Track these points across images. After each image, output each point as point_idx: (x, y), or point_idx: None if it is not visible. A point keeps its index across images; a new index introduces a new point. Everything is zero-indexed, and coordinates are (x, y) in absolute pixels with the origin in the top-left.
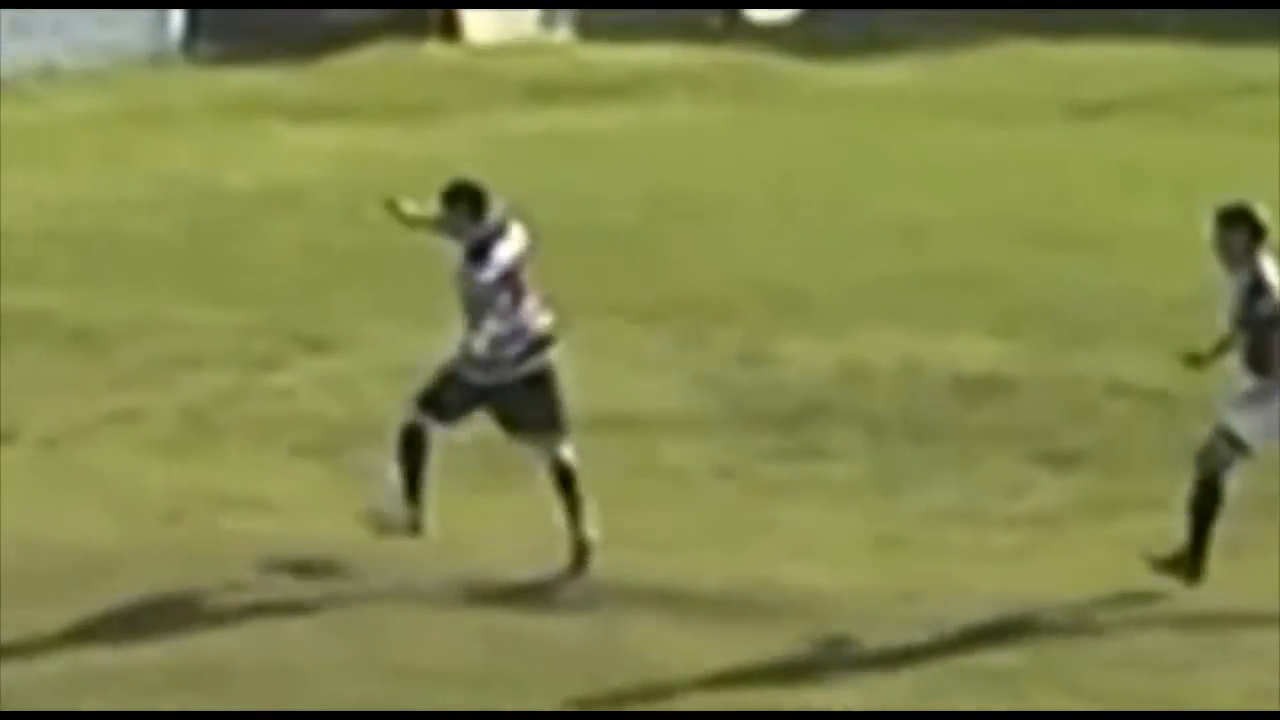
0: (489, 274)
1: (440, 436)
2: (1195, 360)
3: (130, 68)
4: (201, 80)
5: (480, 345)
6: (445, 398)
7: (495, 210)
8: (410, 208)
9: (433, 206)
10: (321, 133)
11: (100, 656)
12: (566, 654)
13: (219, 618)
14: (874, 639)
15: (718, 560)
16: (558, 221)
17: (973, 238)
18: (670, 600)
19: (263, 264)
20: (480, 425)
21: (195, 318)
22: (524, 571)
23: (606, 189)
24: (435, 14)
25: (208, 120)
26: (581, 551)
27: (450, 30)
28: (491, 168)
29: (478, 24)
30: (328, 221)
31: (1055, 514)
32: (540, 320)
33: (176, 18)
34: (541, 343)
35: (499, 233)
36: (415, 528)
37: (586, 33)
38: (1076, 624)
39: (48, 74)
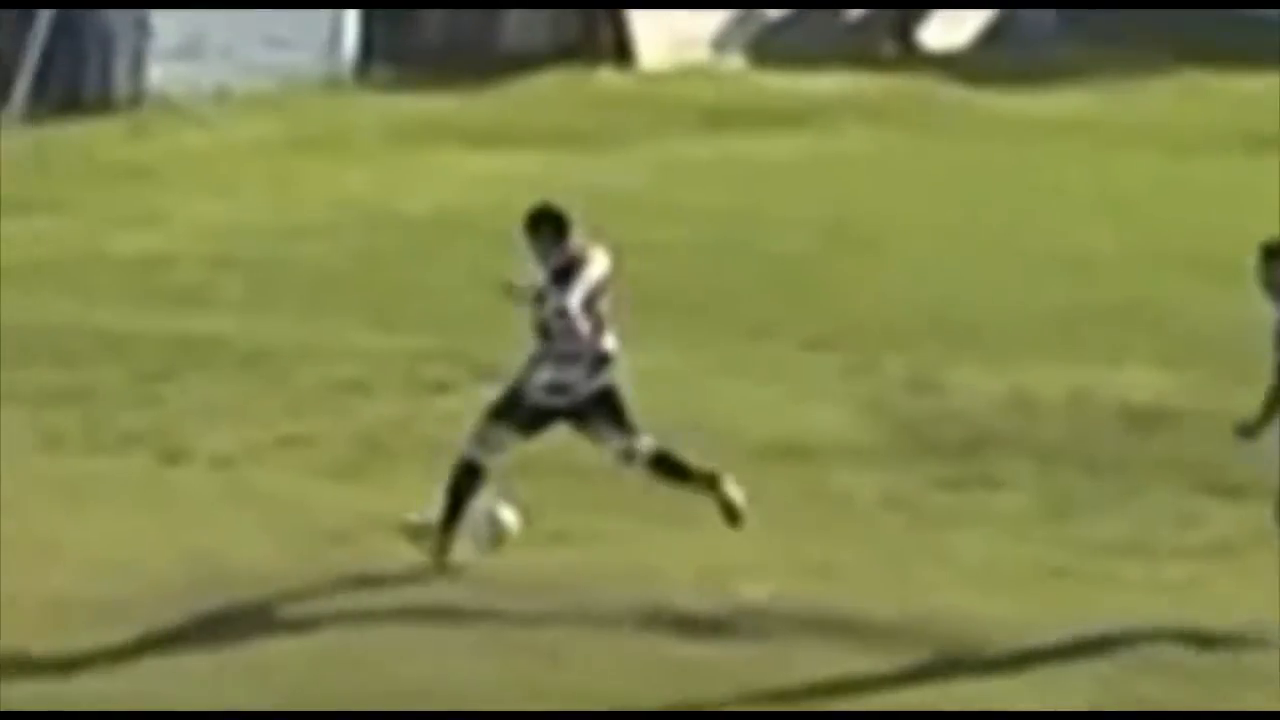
0: (574, 297)
1: (499, 464)
2: (1249, 430)
3: (303, 92)
4: (374, 105)
5: (543, 378)
6: (513, 418)
7: (577, 236)
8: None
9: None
10: (495, 158)
11: (269, 677)
12: (739, 682)
13: (391, 639)
14: (1045, 669)
15: (887, 589)
16: (731, 248)
17: (1144, 269)
18: (841, 629)
19: (434, 290)
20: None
21: (366, 343)
22: (698, 600)
23: (779, 216)
24: (608, 41)
25: (380, 145)
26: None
27: (623, 57)
28: (665, 194)
29: (651, 51)
30: (500, 248)
31: (1228, 544)
32: (605, 342)
33: (350, 41)
34: (604, 361)
35: (582, 257)
36: (440, 554)
37: (759, 59)
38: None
39: (220, 98)
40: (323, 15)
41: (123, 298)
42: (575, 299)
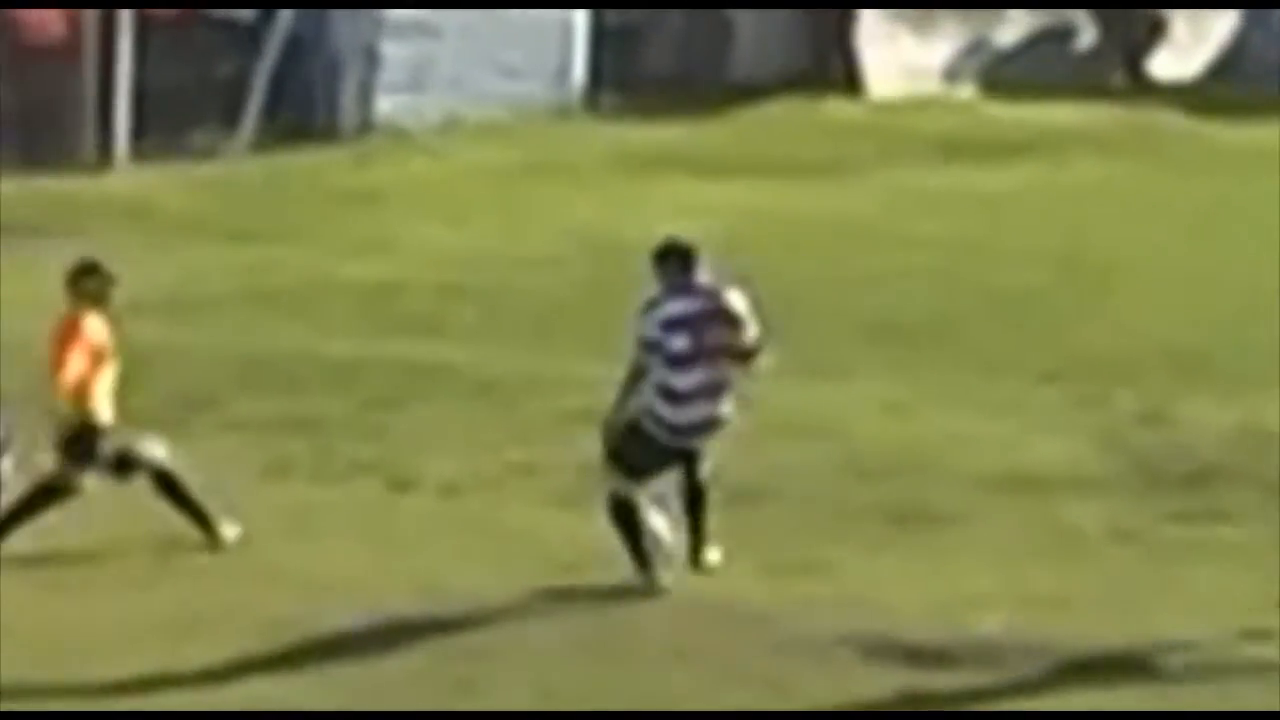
0: (650, 326)
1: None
2: None
3: (532, 120)
4: (603, 134)
5: (646, 398)
6: (634, 457)
7: (703, 271)
8: None
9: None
10: (724, 188)
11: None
12: (968, 712)
13: (614, 670)
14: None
15: (1117, 621)
16: (960, 279)
17: None
18: (1071, 660)
19: None
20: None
21: (593, 373)
22: (927, 630)
23: (1009, 247)
24: (838, 70)
25: (609, 174)
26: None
27: (853, 87)
28: (895, 224)
29: (880, 80)
30: (730, 277)
31: None
32: (678, 380)
33: (579, 70)
34: (714, 424)
35: (683, 291)
36: (654, 589)
37: (990, 89)
38: None
39: (450, 126)
40: (552, 44)
41: (351, 326)
42: (651, 328)
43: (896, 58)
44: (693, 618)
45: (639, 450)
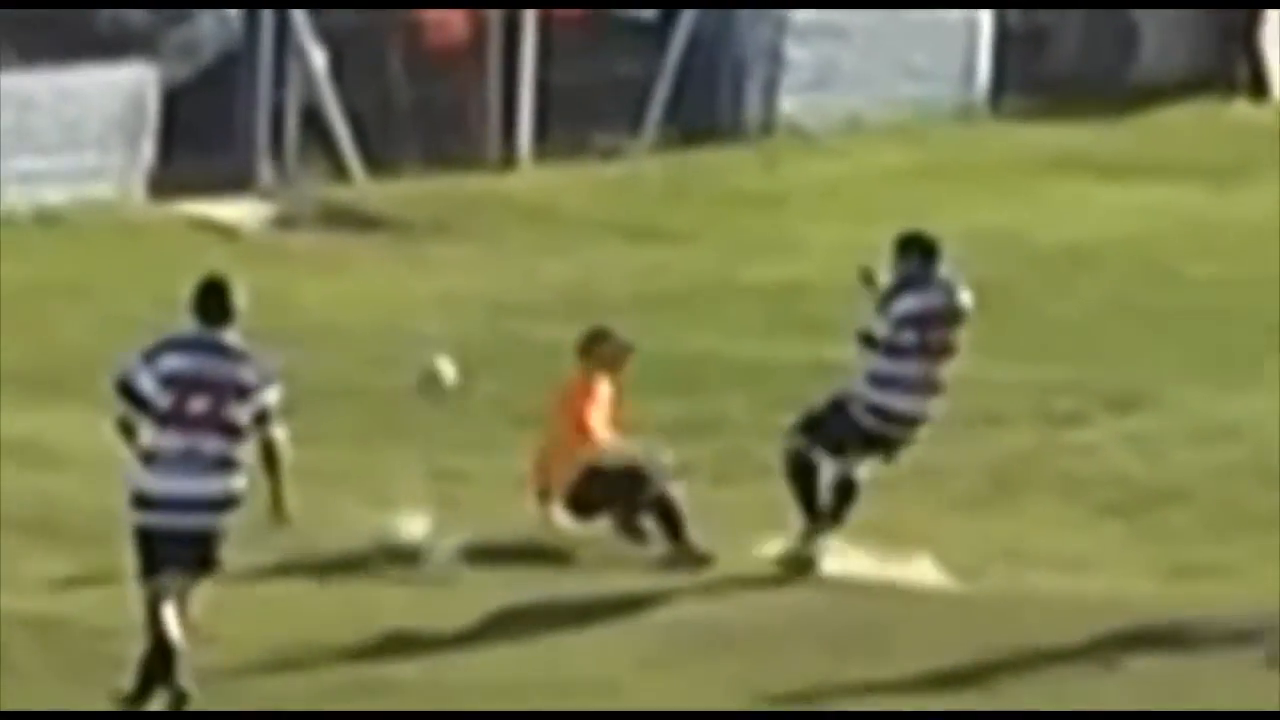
0: (880, 320)
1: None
2: None
3: (936, 121)
4: (1007, 135)
5: (858, 384)
6: (829, 428)
7: (941, 266)
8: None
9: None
10: (1127, 191)
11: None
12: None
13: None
14: None
15: None
16: None
17: None
18: None
19: (1068, 322)
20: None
21: (999, 374)
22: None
23: None
24: (1243, 72)
25: (1012, 176)
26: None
27: (1259, 89)
28: None
29: None
30: (1136, 280)
31: None
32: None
33: (984, 71)
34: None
35: (917, 283)
36: (812, 560)
37: None
38: None
39: (851, 127)
40: (957, 45)
41: (754, 327)
42: (881, 323)
43: None
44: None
45: (843, 430)
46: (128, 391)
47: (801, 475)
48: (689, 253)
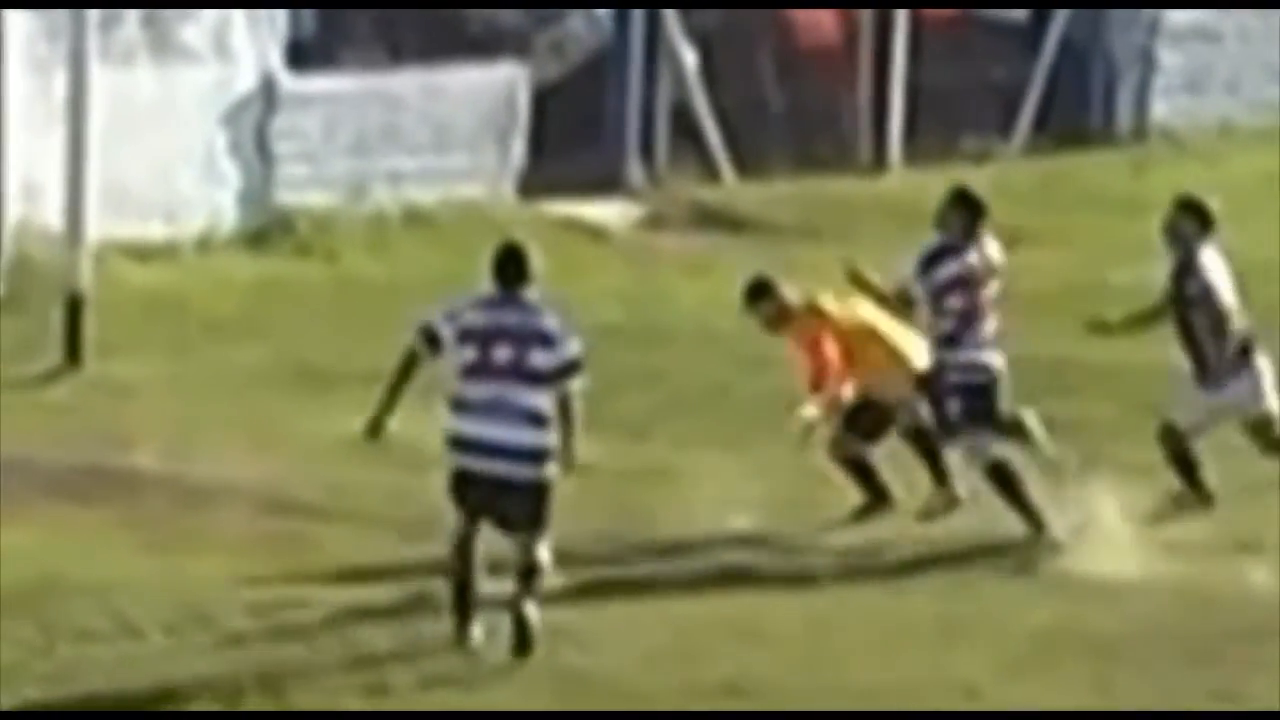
0: (920, 281)
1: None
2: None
3: None
4: None
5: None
6: (982, 410)
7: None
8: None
9: None
10: None
11: None
12: None
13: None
14: None
15: None
16: None
17: None
18: None
19: None
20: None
21: None
22: None
23: None
24: None
25: None
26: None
27: None
28: None
29: None
30: None
31: None
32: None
33: None
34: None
35: (962, 248)
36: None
37: None
38: None
39: (1225, 132)
40: None
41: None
42: (920, 282)
43: None
44: None
45: (977, 402)
46: (428, 336)
47: (1002, 481)
48: (1060, 255)
